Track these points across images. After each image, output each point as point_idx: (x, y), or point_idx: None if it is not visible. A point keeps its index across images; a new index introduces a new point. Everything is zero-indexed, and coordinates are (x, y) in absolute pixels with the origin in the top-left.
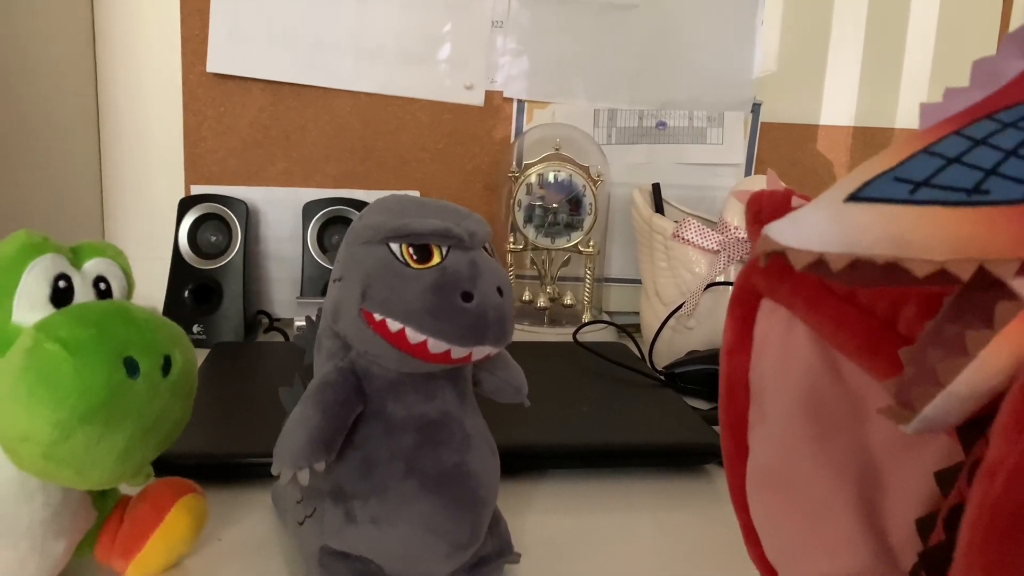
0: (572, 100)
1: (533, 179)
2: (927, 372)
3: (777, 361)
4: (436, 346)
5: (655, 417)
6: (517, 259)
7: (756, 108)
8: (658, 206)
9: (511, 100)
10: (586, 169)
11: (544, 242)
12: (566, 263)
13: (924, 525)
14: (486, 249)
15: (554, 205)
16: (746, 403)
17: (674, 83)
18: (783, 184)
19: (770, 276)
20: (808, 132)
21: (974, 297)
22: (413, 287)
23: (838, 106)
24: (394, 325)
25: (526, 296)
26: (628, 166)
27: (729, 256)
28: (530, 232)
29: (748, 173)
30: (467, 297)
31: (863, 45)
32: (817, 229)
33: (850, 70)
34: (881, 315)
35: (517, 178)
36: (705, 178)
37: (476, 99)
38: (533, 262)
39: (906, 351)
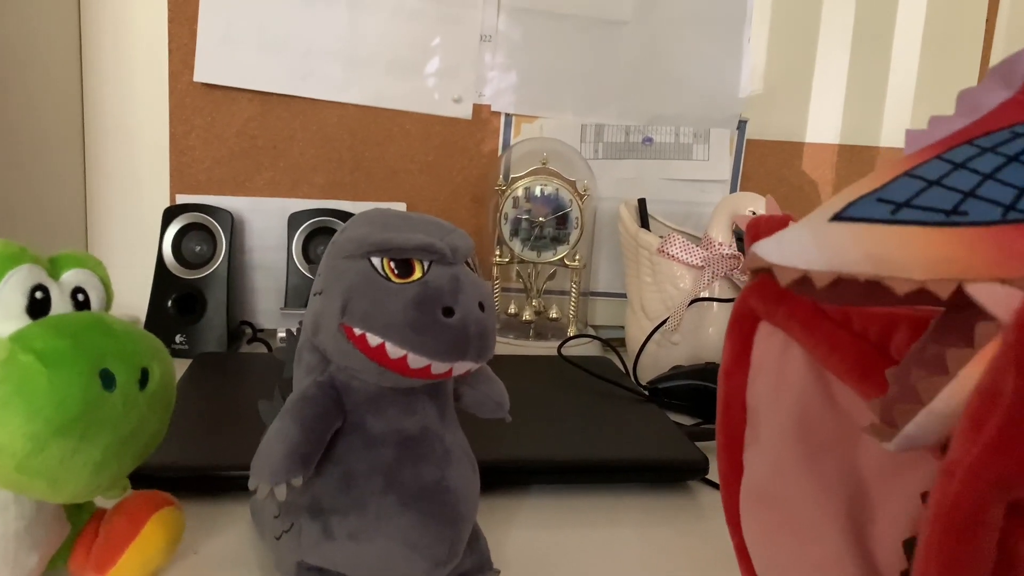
0: (560, 114)
1: (520, 192)
2: (909, 390)
3: (772, 382)
4: (416, 361)
5: (639, 432)
6: (503, 272)
7: (742, 125)
8: (644, 221)
9: (499, 114)
10: (573, 183)
11: (530, 255)
12: (552, 277)
13: (910, 546)
14: (469, 264)
15: (540, 219)
16: (743, 423)
17: (661, 99)
18: (781, 210)
19: (767, 299)
20: (794, 149)
21: (955, 317)
22: (394, 301)
23: (824, 124)
24: (374, 339)
25: (512, 309)
26: (615, 181)
27: (713, 272)
28: (516, 245)
29: (734, 189)
30: (448, 312)
31: (848, 64)
32: (802, 247)
33: (835, 89)
34: (873, 339)
35: (504, 191)
36: (692, 194)
37: (464, 112)
38: (519, 275)
39: (892, 371)
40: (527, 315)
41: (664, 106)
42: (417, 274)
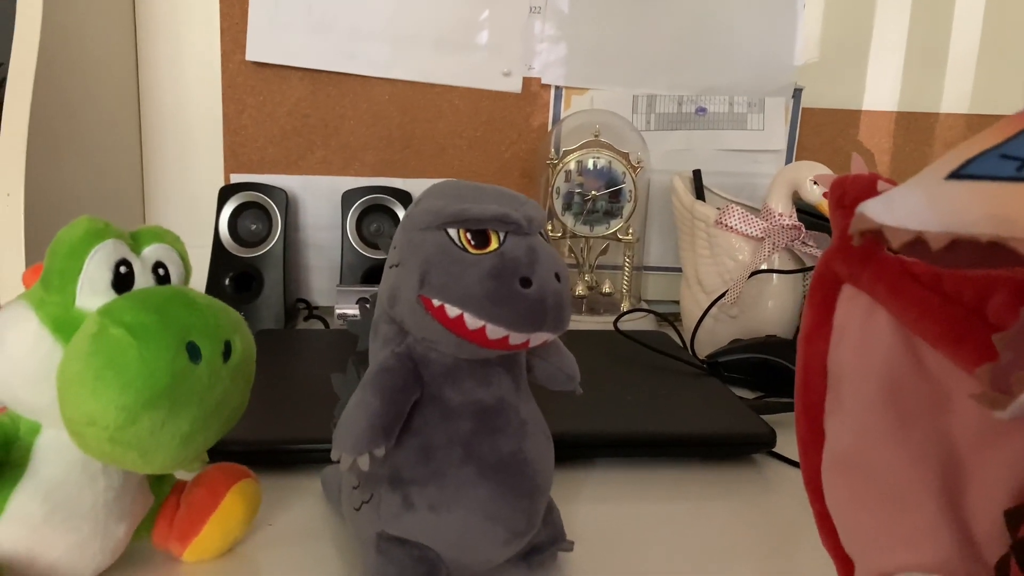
0: (610, 86)
1: (572, 166)
2: None
3: (857, 348)
4: (495, 332)
5: (701, 406)
6: (556, 247)
7: (797, 94)
8: (699, 193)
9: (549, 87)
10: (625, 156)
11: (583, 230)
12: (604, 251)
13: (1013, 517)
14: (542, 235)
15: (593, 192)
16: (823, 389)
17: (713, 68)
18: (867, 168)
19: (851, 261)
20: (851, 118)
21: None
22: (472, 273)
23: (881, 91)
24: (453, 311)
25: None
26: (667, 153)
27: (774, 243)
28: (568, 220)
29: (789, 160)
30: (526, 283)
31: (907, 29)
32: (916, 207)
33: (894, 54)
34: (967, 303)
35: (555, 165)
36: (745, 165)
37: (514, 86)
38: (571, 250)
39: (1000, 337)
40: (580, 290)
41: (717, 76)
42: (494, 245)
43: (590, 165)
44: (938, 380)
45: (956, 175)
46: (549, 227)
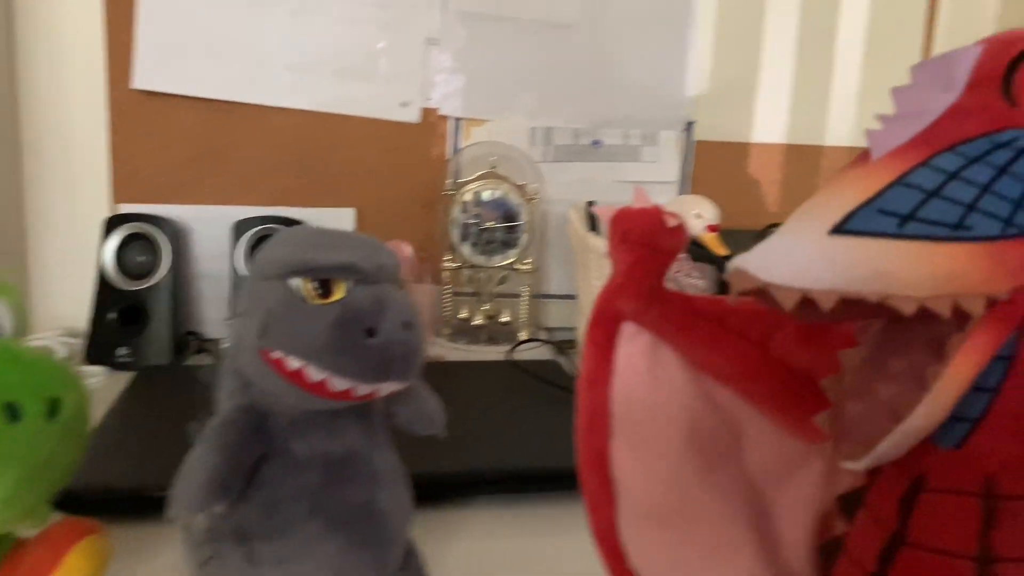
0: (509, 117)
1: (468, 197)
2: (880, 408)
3: (647, 390)
4: (338, 384)
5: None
6: (454, 277)
7: (689, 127)
8: (593, 224)
9: (447, 117)
10: (522, 187)
11: (480, 260)
12: (503, 280)
13: (848, 502)
14: (395, 282)
15: (489, 223)
16: (608, 437)
17: (609, 102)
18: (651, 201)
19: (637, 299)
20: (741, 150)
21: (914, 331)
22: (314, 324)
23: (770, 124)
24: (293, 363)
25: (463, 314)
26: (566, 183)
27: None
28: (466, 250)
29: (683, 191)
30: (371, 333)
31: (793, 65)
32: (802, 264)
33: (781, 89)
34: (754, 339)
35: (452, 196)
36: None
37: (412, 116)
38: (470, 279)
39: (832, 382)
40: (478, 319)
41: (612, 109)
42: (339, 294)
43: (486, 196)
44: (731, 418)
45: (842, 230)
46: (447, 257)
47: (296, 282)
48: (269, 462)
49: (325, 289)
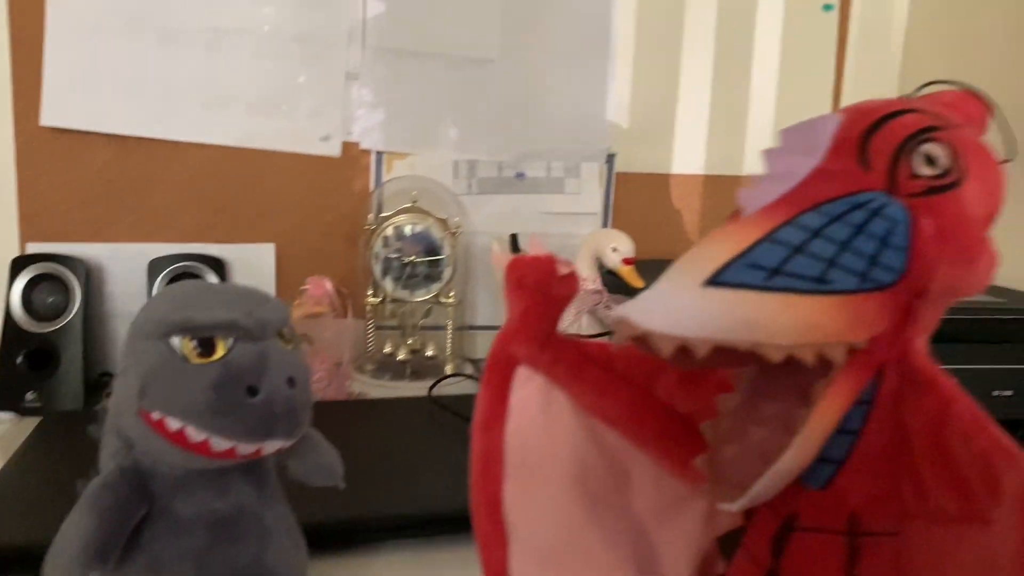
0: (432, 151)
1: (390, 232)
2: (752, 451)
3: (541, 433)
4: (220, 444)
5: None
6: (377, 311)
7: (611, 159)
8: None
9: (369, 151)
10: (444, 221)
11: (403, 294)
12: (428, 314)
13: (726, 543)
14: (283, 335)
15: (412, 257)
16: (501, 482)
17: (532, 135)
18: (545, 249)
19: (530, 343)
20: (662, 181)
21: (781, 376)
22: (193, 384)
23: (689, 156)
24: (173, 424)
25: (387, 349)
26: (491, 215)
27: (579, 308)
28: (388, 285)
29: (605, 221)
30: (252, 391)
31: (710, 97)
32: (679, 314)
33: (699, 121)
34: (639, 383)
35: (374, 230)
36: (565, 226)
37: (333, 151)
38: (393, 314)
39: (710, 426)
40: (402, 354)
41: (535, 141)
42: (220, 353)
43: (408, 231)
44: (618, 460)
45: (715, 282)
46: (370, 292)
47: (176, 341)
48: (152, 523)
49: (206, 347)
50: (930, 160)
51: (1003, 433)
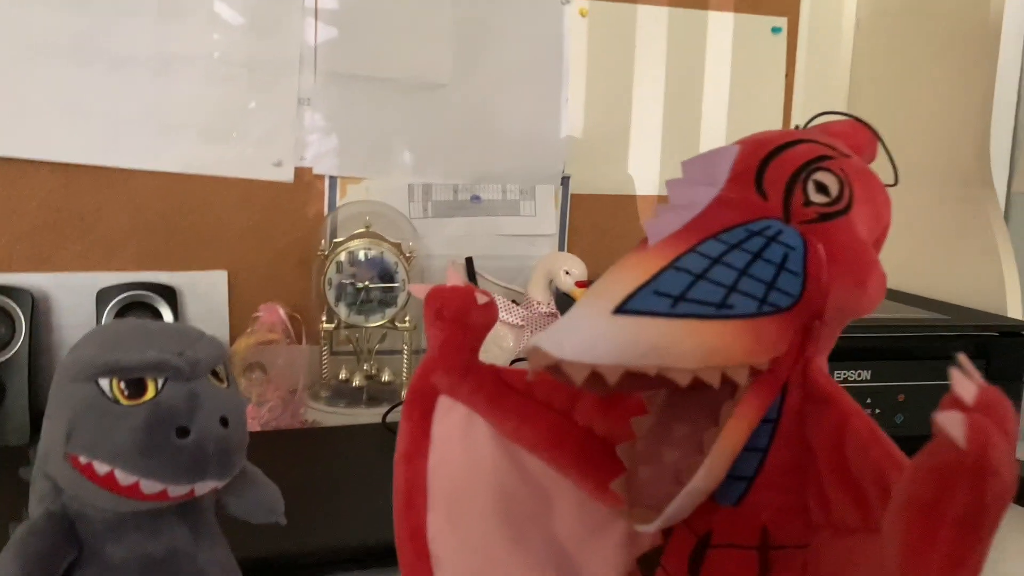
0: (386, 175)
1: (343, 257)
2: (666, 472)
3: (463, 462)
4: (150, 487)
5: None
6: (331, 337)
7: (565, 181)
8: (472, 279)
9: (323, 176)
10: (398, 245)
11: (358, 320)
12: (383, 339)
13: (645, 562)
14: (216, 374)
15: (366, 283)
16: (425, 511)
17: (486, 158)
18: (464, 279)
19: (451, 373)
20: (617, 202)
21: (692, 397)
22: (121, 426)
23: (643, 177)
24: (102, 468)
25: (342, 375)
26: (447, 239)
27: (533, 331)
28: (342, 311)
29: (561, 243)
30: (183, 432)
31: (662, 118)
32: (589, 342)
33: (652, 142)
34: (559, 408)
35: (327, 256)
36: (523, 248)
37: (285, 176)
38: (348, 339)
39: (626, 449)
40: (358, 380)
41: (490, 164)
42: (150, 394)
43: (361, 256)
44: (540, 485)
45: (623, 310)
46: (324, 318)
47: (105, 383)
48: (82, 568)
49: (136, 389)
50: (821, 188)
51: (895, 446)
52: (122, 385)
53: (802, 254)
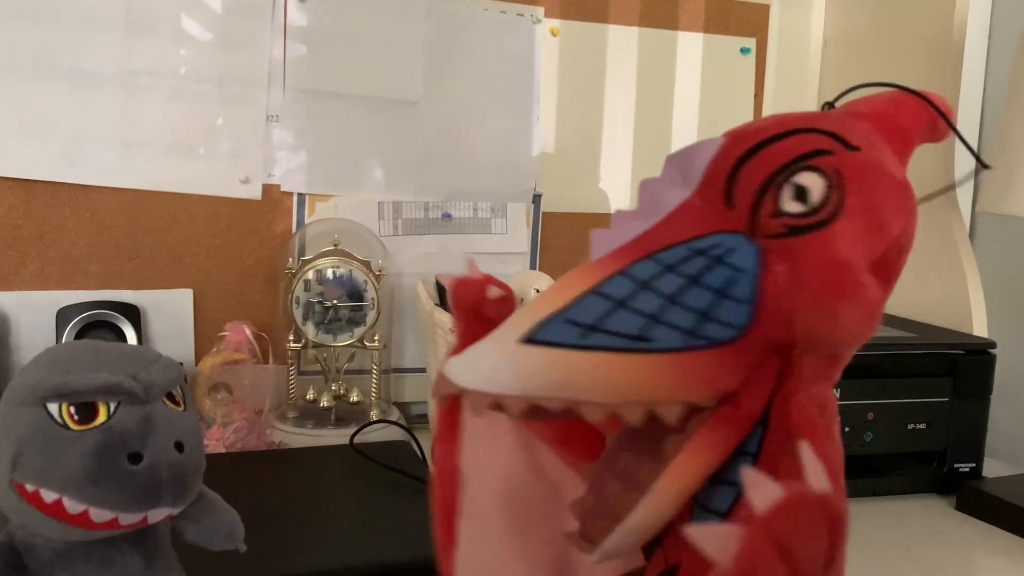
0: (355, 193)
1: (311, 275)
2: (605, 503)
3: (483, 449)
4: (100, 515)
5: (424, 528)
6: (300, 356)
7: (537, 199)
8: (441, 299)
9: (291, 193)
10: (367, 263)
11: (326, 339)
12: (351, 358)
13: None
14: (172, 397)
15: (334, 301)
16: (456, 490)
17: (458, 175)
18: (480, 272)
19: None
20: (589, 220)
21: (645, 429)
22: (71, 452)
23: (614, 194)
24: (49, 496)
25: (310, 395)
26: (418, 256)
27: None
28: (310, 330)
29: (533, 261)
30: (136, 458)
31: (633, 137)
32: (493, 371)
33: (623, 161)
34: None
35: (295, 274)
36: (495, 266)
37: (253, 193)
38: (316, 358)
39: (589, 470)
40: (326, 401)
41: (461, 182)
42: (101, 418)
43: (330, 274)
44: (552, 480)
45: (530, 340)
46: (291, 337)
47: (54, 407)
48: None
49: (86, 413)
50: (800, 193)
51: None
52: (72, 409)
53: (752, 279)
